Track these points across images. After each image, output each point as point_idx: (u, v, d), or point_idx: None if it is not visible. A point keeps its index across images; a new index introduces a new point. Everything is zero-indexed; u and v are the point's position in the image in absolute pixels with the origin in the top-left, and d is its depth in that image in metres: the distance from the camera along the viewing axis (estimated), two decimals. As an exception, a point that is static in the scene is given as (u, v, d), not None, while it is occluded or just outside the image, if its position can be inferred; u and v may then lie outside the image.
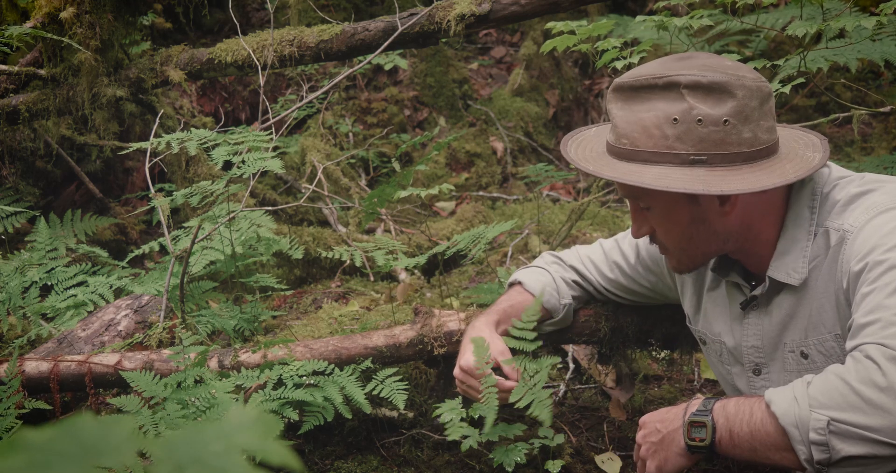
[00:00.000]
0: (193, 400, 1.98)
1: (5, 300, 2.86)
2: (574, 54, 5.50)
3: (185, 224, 3.02)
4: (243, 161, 2.37)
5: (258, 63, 3.17)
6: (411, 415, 2.42)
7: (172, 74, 3.28)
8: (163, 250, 3.38)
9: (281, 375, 2.12)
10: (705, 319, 1.91)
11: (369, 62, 3.39)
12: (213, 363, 2.23)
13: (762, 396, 1.52)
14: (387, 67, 4.77)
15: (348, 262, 3.39)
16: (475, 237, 2.59)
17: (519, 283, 2.15)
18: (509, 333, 2.01)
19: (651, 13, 4.69)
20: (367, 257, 3.28)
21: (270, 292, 3.21)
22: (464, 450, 2.09)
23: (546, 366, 1.93)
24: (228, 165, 3.63)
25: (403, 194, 2.69)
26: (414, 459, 2.31)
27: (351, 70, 3.35)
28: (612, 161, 1.68)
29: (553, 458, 2.12)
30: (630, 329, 2.26)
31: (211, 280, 2.88)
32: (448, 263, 3.53)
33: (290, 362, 2.16)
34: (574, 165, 1.74)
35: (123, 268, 3.33)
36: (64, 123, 3.88)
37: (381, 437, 2.38)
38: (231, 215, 2.53)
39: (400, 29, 3.07)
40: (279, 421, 1.99)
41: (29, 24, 3.16)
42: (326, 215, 4.03)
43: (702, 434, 1.57)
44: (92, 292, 2.86)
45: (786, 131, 1.76)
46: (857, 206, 1.62)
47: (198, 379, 2.06)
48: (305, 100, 3.19)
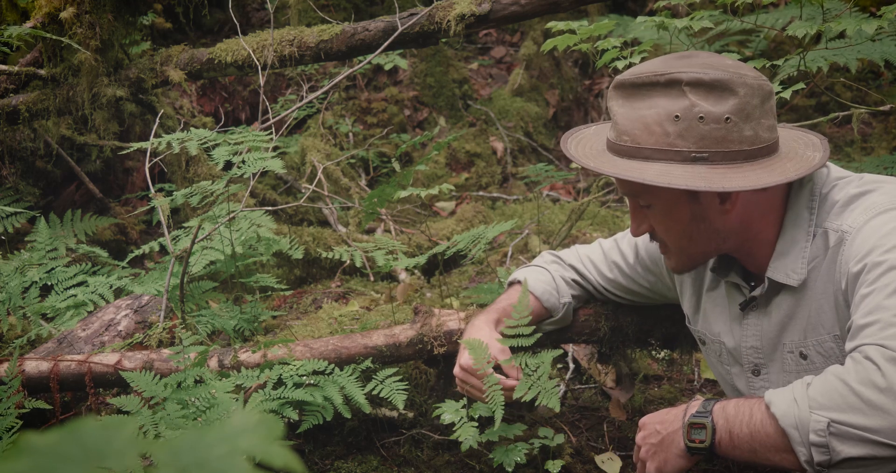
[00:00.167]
0: (193, 400, 1.98)
1: (5, 300, 2.86)
2: (574, 54, 5.50)
3: (185, 224, 3.02)
4: (243, 161, 2.37)
5: (258, 63, 3.17)
6: (411, 415, 2.42)
7: (172, 74, 3.28)
8: (163, 250, 3.38)
9: (281, 375, 2.12)
10: (705, 319, 1.91)
11: (369, 62, 3.39)
12: (213, 362, 2.23)
13: (762, 397, 1.52)
14: (387, 67, 4.77)
15: (348, 262, 3.39)
16: (475, 237, 2.59)
17: (518, 282, 2.16)
18: (502, 332, 2.02)
19: (651, 13, 4.69)
20: (367, 257, 3.28)
21: (270, 293, 3.21)
22: (464, 450, 2.09)
23: (547, 360, 1.93)
24: (228, 165, 3.63)
25: (403, 194, 2.69)
26: (414, 459, 2.31)
27: (351, 70, 3.35)
28: (613, 158, 1.68)
29: (553, 458, 2.12)
30: (630, 329, 2.26)
31: (211, 280, 2.88)
32: (448, 263, 3.53)
33: (290, 361, 2.16)
34: (575, 161, 1.74)
35: (123, 268, 3.33)
36: (64, 123, 3.88)
37: (381, 437, 2.38)
38: (231, 215, 2.53)
39: (400, 29, 3.07)
40: (280, 423, 1.99)
41: (29, 24, 3.17)
42: (326, 215, 4.03)
43: (701, 435, 1.56)
44: (92, 293, 2.86)
45: (786, 131, 1.77)
46: (856, 206, 1.62)
47: (198, 379, 2.06)
48: (305, 100, 3.19)
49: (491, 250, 3.63)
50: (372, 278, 3.49)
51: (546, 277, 2.15)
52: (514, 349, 2.00)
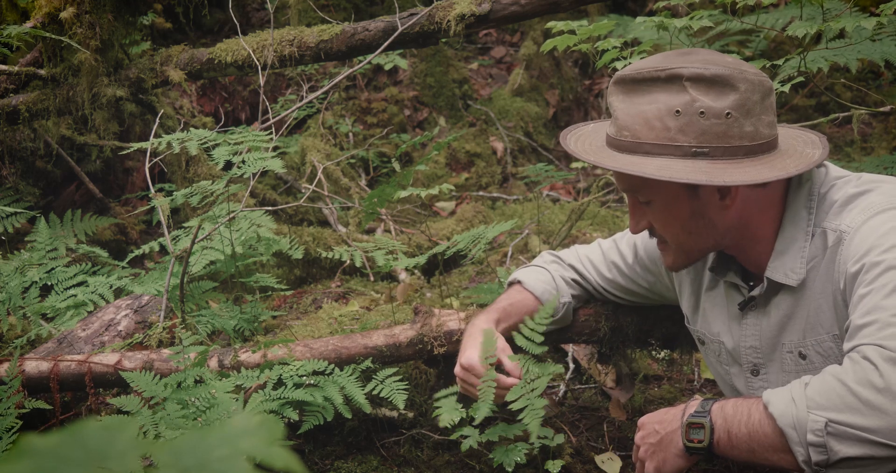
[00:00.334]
0: (193, 400, 1.98)
1: (5, 299, 2.86)
2: (574, 54, 5.50)
3: (185, 224, 3.02)
4: (243, 161, 2.37)
5: (258, 63, 3.17)
6: (411, 415, 2.42)
7: (172, 74, 3.28)
8: (163, 250, 3.38)
9: (281, 375, 2.12)
10: (704, 319, 1.91)
11: (369, 62, 3.39)
12: (213, 363, 2.23)
13: (760, 397, 1.52)
14: (387, 67, 4.77)
15: (348, 262, 3.39)
16: (475, 237, 2.59)
17: (518, 282, 2.16)
18: (520, 331, 2.01)
19: (651, 13, 4.69)
20: (367, 257, 3.28)
21: (270, 293, 3.21)
22: (464, 450, 2.09)
23: (548, 374, 1.93)
24: (228, 165, 3.63)
25: (403, 194, 2.69)
26: (414, 459, 2.31)
27: (351, 70, 3.35)
28: (613, 153, 1.68)
29: (553, 458, 2.12)
30: (630, 329, 2.26)
31: (211, 280, 2.88)
32: (448, 263, 3.53)
33: (290, 362, 2.16)
34: (574, 156, 1.74)
35: (123, 268, 3.33)
36: (64, 123, 3.88)
37: (381, 437, 2.38)
38: (231, 215, 2.53)
39: (400, 29, 3.07)
40: (281, 424, 1.99)
41: (29, 24, 3.17)
42: (326, 215, 4.03)
43: (700, 435, 1.56)
44: (92, 293, 2.86)
45: (785, 130, 1.77)
46: (854, 206, 1.62)
47: (198, 379, 2.06)
48: (305, 100, 3.19)
49: (491, 250, 3.63)
50: (372, 278, 3.49)
51: (546, 276, 2.15)
52: (518, 350, 2.00)
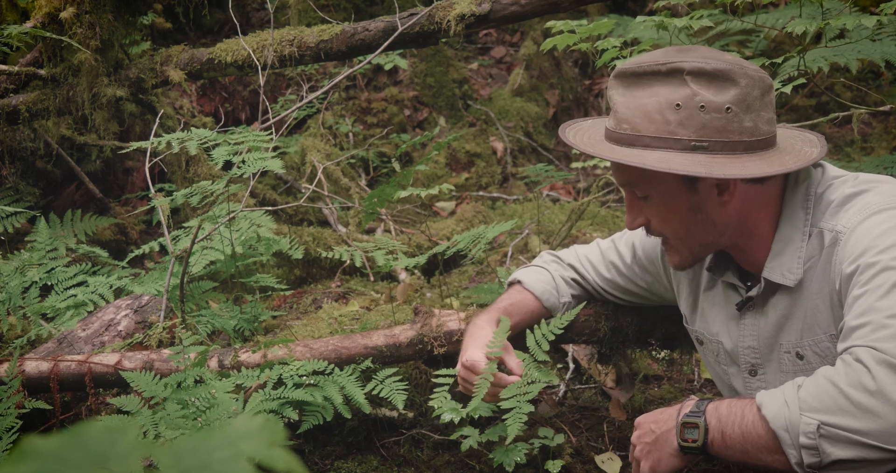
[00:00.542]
0: (193, 400, 1.98)
1: (5, 299, 2.86)
2: (574, 54, 5.50)
3: (185, 224, 3.02)
4: (243, 161, 2.37)
5: (258, 63, 3.16)
6: (411, 415, 2.42)
7: (172, 74, 3.28)
8: (163, 250, 3.38)
9: (281, 375, 2.12)
10: (703, 319, 1.91)
11: (369, 62, 3.38)
12: (213, 363, 2.23)
13: (754, 398, 1.52)
14: (387, 67, 4.77)
15: (348, 262, 3.39)
16: (475, 237, 2.59)
17: (518, 282, 2.16)
18: (533, 332, 2.03)
19: (651, 13, 4.69)
20: (367, 257, 3.28)
21: (270, 293, 3.21)
22: (464, 450, 2.09)
23: (545, 381, 1.94)
24: (228, 165, 3.63)
25: (403, 194, 2.69)
26: (414, 459, 2.31)
27: (351, 70, 3.35)
28: (612, 146, 1.67)
29: (553, 458, 2.12)
30: (630, 329, 2.26)
31: (211, 280, 2.88)
32: (448, 263, 3.52)
33: (290, 362, 2.16)
34: (574, 147, 1.74)
35: (123, 268, 3.33)
36: (64, 123, 3.88)
37: (381, 437, 2.38)
38: (231, 215, 2.53)
39: (400, 29, 3.07)
40: (281, 424, 1.99)
41: (29, 24, 3.17)
42: (326, 215, 4.03)
43: (694, 434, 1.57)
44: (92, 293, 2.86)
45: (783, 131, 1.77)
46: (851, 206, 1.62)
47: (198, 379, 2.06)
48: (305, 100, 3.19)
49: (491, 250, 3.63)
50: (372, 278, 3.49)
51: (546, 276, 2.15)
52: (516, 348, 2.01)
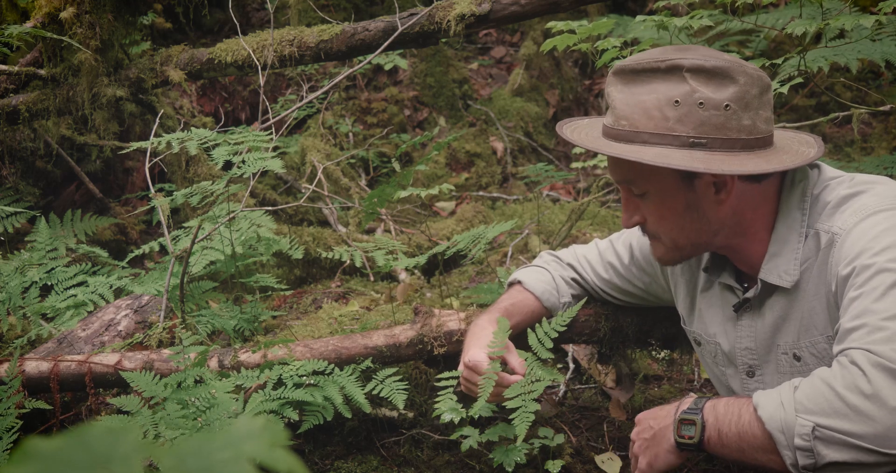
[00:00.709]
0: (193, 400, 1.98)
1: (5, 299, 2.86)
2: (574, 54, 5.50)
3: (185, 224, 3.02)
4: (243, 161, 2.37)
5: (258, 63, 3.17)
6: (411, 415, 2.42)
7: (172, 74, 3.28)
8: (163, 250, 3.38)
9: (281, 375, 2.12)
10: (700, 320, 1.91)
11: (369, 62, 3.38)
12: (213, 363, 2.23)
13: (751, 398, 1.52)
14: (387, 67, 4.77)
15: (348, 262, 3.39)
16: (475, 237, 2.59)
17: (519, 282, 2.16)
18: (534, 331, 2.02)
19: (651, 13, 4.68)
20: (367, 257, 3.28)
21: (270, 292, 3.21)
22: (464, 450, 2.09)
23: (549, 379, 1.94)
24: (228, 165, 3.63)
25: (403, 194, 2.69)
26: (414, 459, 2.31)
27: (351, 70, 3.35)
28: (610, 143, 1.67)
29: (553, 458, 2.12)
30: (630, 329, 2.26)
31: (211, 280, 2.88)
32: (448, 263, 3.53)
33: (290, 362, 2.16)
34: (572, 143, 1.74)
35: (123, 268, 3.33)
36: (64, 123, 3.88)
37: (381, 437, 2.38)
38: (231, 215, 2.53)
39: (400, 29, 3.07)
40: (281, 424, 1.99)
41: (29, 24, 3.17)
42: (326, 215, 4.03)
43: (691, 431, 1.58)
44: (92, 293, 2.86)
45: (779, 132, 1.78)
46: (847, 208, 1.62)
47: (198, 379, 2.06)
48: (305, 100, 3.19)
49: (491, 250, 3.63)
50: (372, 278, 3.49)
51: (546, 276, 2.15)
52: (518, 348, 2.01)
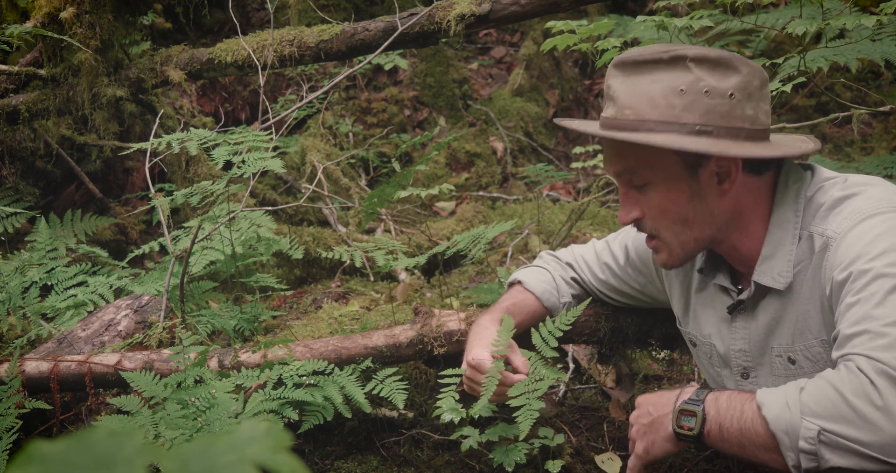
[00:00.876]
0: (193, 400, 1.98)
1: (5, 299, 2.86)
2: (574, 54, 5.50)
3: (185, 224, 3.02)
4: (243, 161, 2.37)
5: (258, 63, 3.16)
6: (411, 415, 2.42)
7: (172, 74, 3.28)
8: (163, 250, 3.38)
9: (281, 375, 2.12)
10: (695, 321, 1.90)
11: (369, 62, 3.38)
12: (213, 363, 2.23)
13: (754, 394, 1.51)
14: (387, 67, 4.77)
15: (348, 262, 3.39)
16: (475, 237, 2.59)
17: (519, 282, 2.16)
18: (538, 330, 2.03)
19: (651, 13, 4.69)
20: (367, 257, 3.28)
21: (270, 292, 3.21)
22: (464, 450, 2.09)
23: (553, 378, 1.94)
24: (228, 165, 3.63)
25: (403, 194, 2.69)
26: (414, 459, 2.31)
27: (351, 70, 3.35)
28: (614, 132, 1.67)
29: (553, 458, 2.12)
30: (630, 329, 2.26)
31: (211, 280, 2.88)
32: (448, 263, 3.53)
33: (290, 362, 2.16)
34: (576, 130, 1.74)
35: (123, 268, 3.34)
36: (64, 123, 3.88)
37: (381, 437, 2.38)
38: (231, 215, 2.53)
39: (400, 29, 3.07)
40: (281, 425, 1.99)
41: (29, 24, 3.17)
42: (326, 215, 4.03)
43: (691, 423, 1.56)
44: (92, 293, 2.86)
45: (774, 136, 1.78)
46: (840, 211, 1.61)
47: (198, 379, 2.06)
48: (305, 100, 3.19)
49: (491, 250, 3.63)
50: (372, 278, 3.49)
51: (546, 277, 2.15)
52: (522, 347, 2.01)
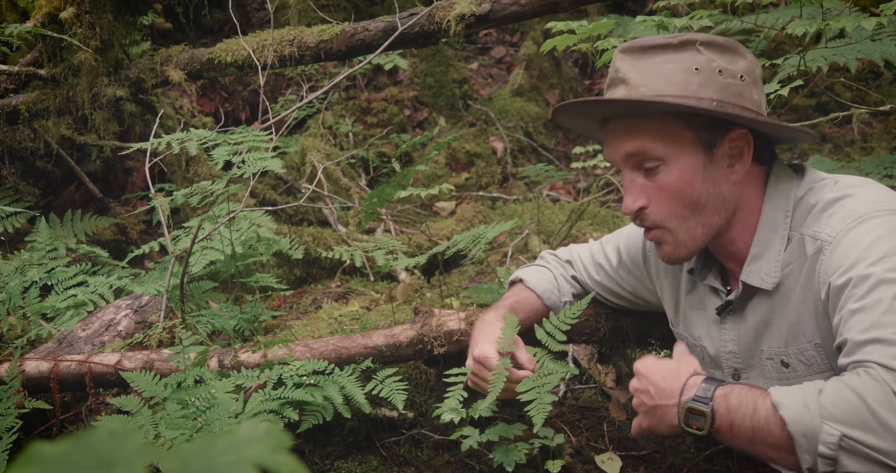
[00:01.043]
0: (193, 400, 1.98)
1: (5, 299, 2.86)
2: (574, 54, 5.50)
3: (185, 224, 3.02)
4: (243, 161, 2.37)
5: (258, 63, 3.16)
6: (411, 415, 2.42)
7: (172, 74, 3.28)
8: (163, 250, 3.38)
9: (281, 375, 2.12)
10: (685, 322, 1.90)
11: (369, 62, 3.39)
12: (213, 363, 2.23)
13: (766, 392, 1.48)
14: (387, 67, 4.77)
15: (348, 262, 3.39)
16: (475, 237, 2.59)
17: (521, 280, 2.16)
18: (542, 326, 2.02)
19: (651, 13, 4.69)
20: (367, 257, 3.28)
21: (270, 293, 3.21)
22: (464, 450, 2.09)
23: (562, 371, 1.93)
24: (228, 165, 3.63)
25: (403, 194, 2.69)
26: (414, 459, 2.31)
27: (351, 70, 3.35)
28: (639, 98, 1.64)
29: (553, 458, 2.12)
30: (630, 329, 2.26)
31: (211, 280, 2.88)
32: (448, 263, 3.53)
33: (290, 361, 2.16)
34: (586, 104, 1.69)
35: (123, 268, 3.34)
36: (64, 123, 3.88)
37: (381, 437, 2.38)
38: (231, 215, 2.53)
39: (400, 29, 3.07)
40: (281, 425, 1.99)
41: (29, 24, 3.17)
42: (326, 215, 4.03)
43: (700, 422, 1.53)
44: (92, 293, 2.86)
45: None
46: (833, 213, 1.60)
47: (198, 379, 2.06)
48: (305, 100, 3.19)
49: (491, 250, 3.63)
50: (372, 278, 3.49)
51: (548, 275, 2.15)
52: (527, 343, 2.01)
